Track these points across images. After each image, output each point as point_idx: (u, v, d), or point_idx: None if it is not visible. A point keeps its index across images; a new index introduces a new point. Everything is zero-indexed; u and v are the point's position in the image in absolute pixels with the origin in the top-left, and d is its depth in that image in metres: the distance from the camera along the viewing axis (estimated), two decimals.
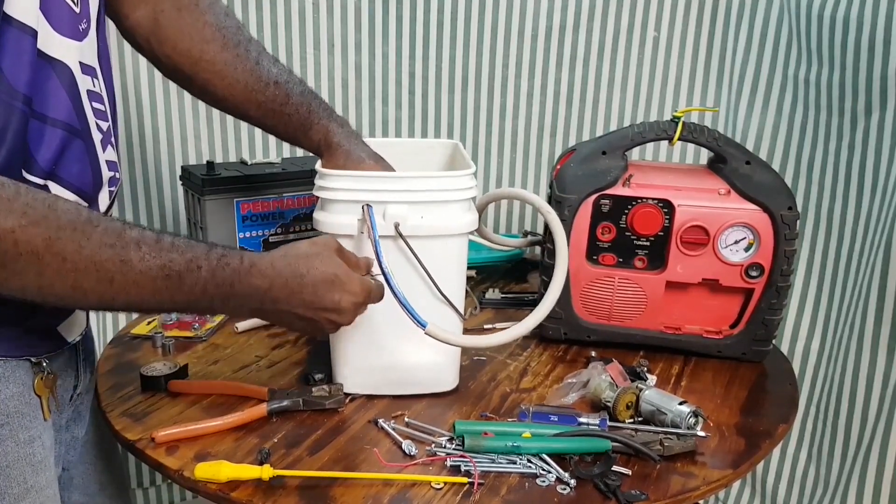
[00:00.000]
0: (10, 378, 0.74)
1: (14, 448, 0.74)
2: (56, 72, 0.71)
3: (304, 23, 1.43)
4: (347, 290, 0.80)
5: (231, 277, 0.73)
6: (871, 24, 1.13)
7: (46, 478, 0.78)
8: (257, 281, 0.75)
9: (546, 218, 0.98)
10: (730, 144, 1.05)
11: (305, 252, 0.80)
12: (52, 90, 0.71)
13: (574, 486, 0.79)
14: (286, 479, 0.79)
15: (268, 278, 0.75)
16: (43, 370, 0.77)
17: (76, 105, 0.73)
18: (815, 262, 1.33)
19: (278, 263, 0.77)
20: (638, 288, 1.07)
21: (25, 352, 0.75)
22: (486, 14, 1.45)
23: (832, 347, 1.30)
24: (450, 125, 1.53)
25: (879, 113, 1.17)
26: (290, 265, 0.77)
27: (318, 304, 0.79)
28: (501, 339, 0.92)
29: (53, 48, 0.71)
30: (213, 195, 1.16)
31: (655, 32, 1.46)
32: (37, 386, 0.76)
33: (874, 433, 1.18)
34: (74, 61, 0.73)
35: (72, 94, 0.73)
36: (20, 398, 0.75)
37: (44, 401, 0.78)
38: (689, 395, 0.95)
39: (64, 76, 0.72)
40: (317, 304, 0.79)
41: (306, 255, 0.79)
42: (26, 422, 0.75)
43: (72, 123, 0.73)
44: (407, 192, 0.89)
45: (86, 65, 0.76)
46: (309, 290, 0.78)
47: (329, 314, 0.81)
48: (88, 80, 0.76)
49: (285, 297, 0.77)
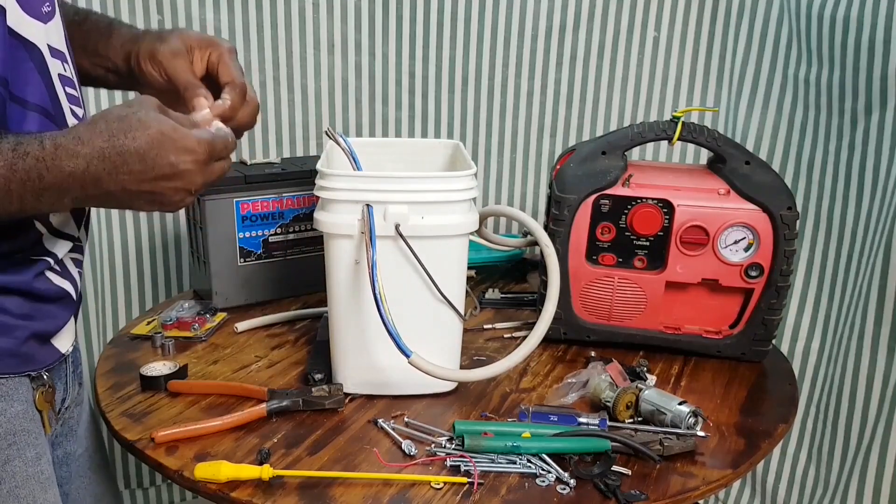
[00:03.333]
0: (14, 395, 0.72)
1: (22, 467, 0.72)
2: (29, 53, 0.68)
3: (304, 23, 1.43)
4: (181, 147, 0.68)
5: (36, 168, 0.63)
6: (871, 24, 1.13)
7: (54, 494, 0.76)
8: (69, 164, 0.64)
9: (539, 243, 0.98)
10: (729, 144, 1.05)
11: (118, 115, 0.67)
12: (27, 72, 0.68)
13: (574, 485, 0.79)
14: (286, 479, 0.79)
15: (81, 157, 0.64)
16: (44, 384, 0.76)
17: (49, 89, 0.71)
18: (815, 262, 1.33)
19: (87, 136, 0.65)
20: (638, 288, 1.07)
21: (27, 367, 0.74)
22: (486, 14, 1.45)
23: (832, 347, 1.30)
24: (450, 125, 1.53)
25: (879, 113, 1.17)
26: (104, 134, 0.65)
27: (152, 172, 0.67)
28: (485, 374, 0.92)
29: (24, 28, 0.68)
30: (212, 195, 1.16)
31: (655, 32, 1.46)
32: (38, 401, 0.75)
33: (874, 433, 1.18)
34: (43, 43, 0.70)
35: (44, 78, 0.70)
36: (24, 415, 0.73)
37: (44, 415, 0.76)
38: (688, 395, 0.95)
39: (36, 58, 0.69)
40: (149, 173, 0.67)
41: (119, 117, 0.66)
42: (32, 439, 0.73)
43: (46, 107, 0.70)
44: (408, 193, 0.89)
45: (54, 48, 0.72)
46: (135, 159, 0.66)
47: (171, 182, 0.68)
48: (59, 63, 0.73)
49: (109, 174, 0.65)
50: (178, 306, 1.17)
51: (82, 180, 0.65)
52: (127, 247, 1.46)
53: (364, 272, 0.88)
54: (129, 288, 1.50)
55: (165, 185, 0.68)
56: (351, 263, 0.90)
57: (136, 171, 0.66)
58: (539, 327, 0.93)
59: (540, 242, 0.98)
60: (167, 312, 1.14)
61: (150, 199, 0.69)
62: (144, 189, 0.68)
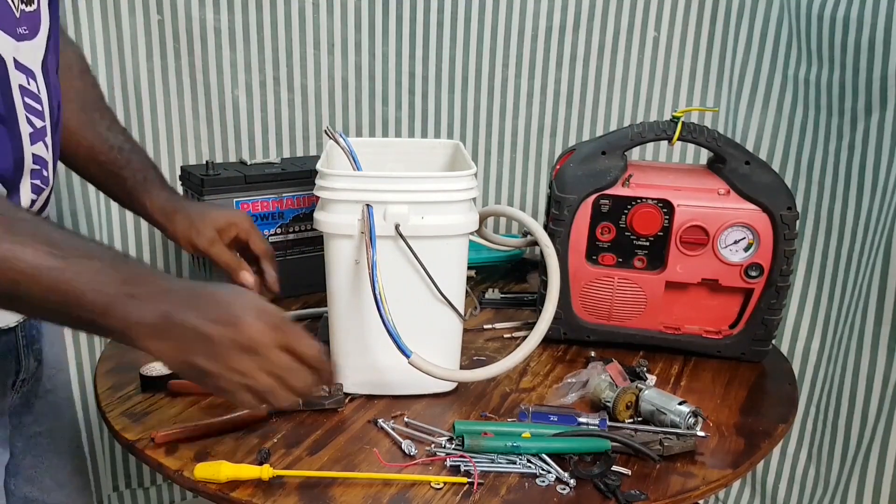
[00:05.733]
0: None
1: None
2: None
3: (304, 23, 1.43)
4: (258, 305, 0.68)
5: (132, 267, 0.67)
6: (871, 24, 1.13)
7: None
8: (161, 279, 0.67)
9: (539, 243, 0.99)
10: (729, 144, 1.05)
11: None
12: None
13: (574, 485, 0.79)
14: (286, 479, 0.79)
15: (169, 279, 0.68)
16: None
17: (3, 91, 0.72)
18: (815, 262, 1.33)
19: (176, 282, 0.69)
20: (637, 288, 1.07)
21: None
22: (486, 14, 1.45)
23: (832, 347, 1.30)
24: (450, 125, 1.53)
25: (879, 113, 1.17)
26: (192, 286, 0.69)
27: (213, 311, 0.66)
28: (485, 374, 0.92)
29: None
30: (212, 195, 1.16)
31: (655, 32, 1.46)
32: None
33: (874, 433, 1.18)
34: (10, 56, 0.73)
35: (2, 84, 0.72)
36: None
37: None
38: (688, 395, 0.95)
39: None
40: (210, 311, 0.66)
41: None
42: None
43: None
44: (408, 193, 0.89)
45: (22, 64, 0.75)
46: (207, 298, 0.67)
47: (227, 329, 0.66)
48: (23, 77, 0.75)
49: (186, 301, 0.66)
50: None
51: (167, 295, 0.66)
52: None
53: (364, 272, 0.88)
54: None
55: (222, 333, 0.65)
56: (351, 263, 0.90)
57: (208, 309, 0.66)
58: (539, 327, 0.93)
59: (540, 242, 0.98)
60: None
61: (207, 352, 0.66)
62: (209, 333, 0.65)
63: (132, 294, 0.64)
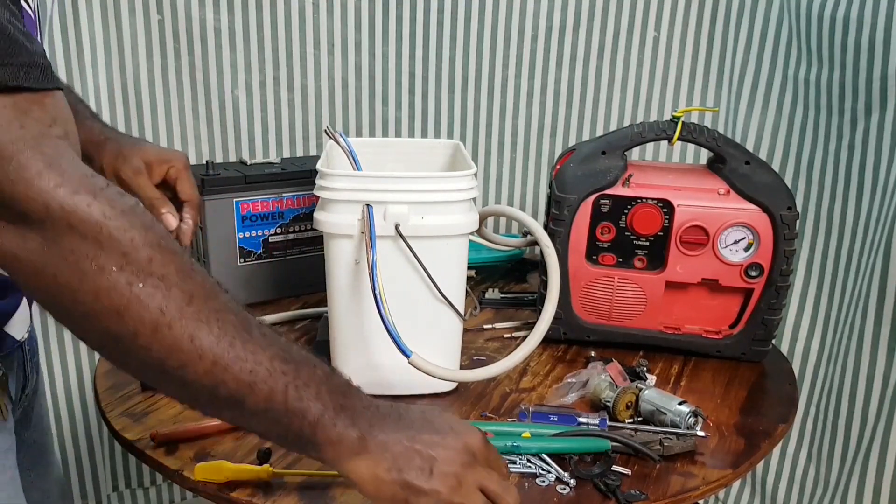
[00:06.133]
0: None
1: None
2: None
3: (304, 23, 1.43)
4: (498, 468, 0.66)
5: (345, 385, 0.63)
6: (871, 24, 1.13)
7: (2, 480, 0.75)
8: (377, 401, 0.63)
9: (539, 243, 0.98)
10: (729, 144, 1.05)
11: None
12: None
13: (574, 485, 0.79)
14: (286, 479, 0.79)
15: (388, 405, 0.64)
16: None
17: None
18: (815, 262, 1.33)
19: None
20: (637, 288, 1.07)
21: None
22: (486, 14, 1.45)
23: (832, 347, 1.30)
24: (450, 125, 1.53)
25: (879, 113, 1.17)
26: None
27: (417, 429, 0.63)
28: (485, 374, 0.92)
29: None
30: (212, 195, 1.16)
31: (655, 32, 1.46)
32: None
33: (874, 433, 1.18)
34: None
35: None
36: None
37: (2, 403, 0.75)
38: (688, 395, 0.95)
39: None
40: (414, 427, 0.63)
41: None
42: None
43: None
44: (408, 193, 0.89)
45: None
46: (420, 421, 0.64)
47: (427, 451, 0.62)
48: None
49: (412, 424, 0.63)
50: None
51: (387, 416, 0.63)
52: None
53: (364, 272, 0.88)
54: None
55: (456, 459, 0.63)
56: (351, 263, 0.90)
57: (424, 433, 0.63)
58: (539, 327, 0.93)
59: (540, 242, 0.98)
60: None
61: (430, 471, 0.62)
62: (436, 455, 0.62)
63: (343, 407, 0.60)
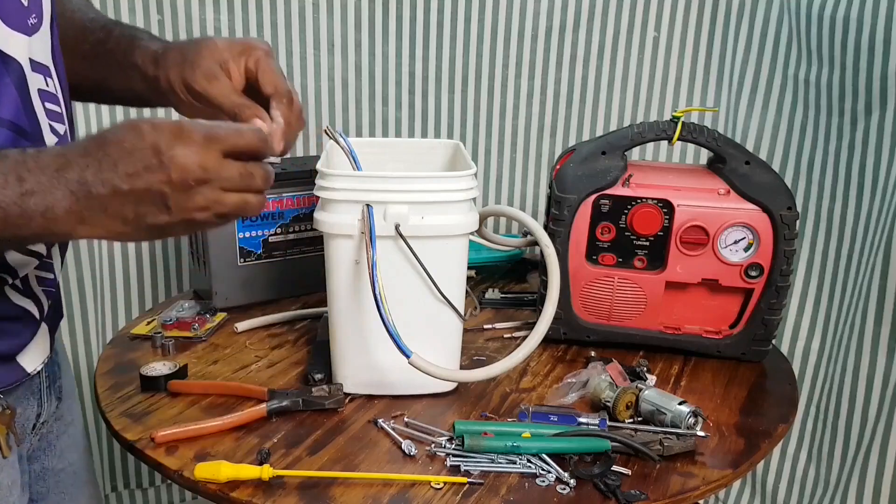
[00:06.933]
0: None
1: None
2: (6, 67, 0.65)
3: (304, 23, 1.43)
4: (170, 129, 0.58)
5: (15, 169, 0.57)
6: (871, 24, 1.13)
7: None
8: (50, 160, 0.57)
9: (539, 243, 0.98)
10: (729, 144, 1.05)
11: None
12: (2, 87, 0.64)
13: (574, 485, 0.79)
14: (286, 479, 0.79)
15: (62, 155, 0.58)
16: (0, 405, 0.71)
17: (25, 104, 0.67)
18: (815, 262, 1.33)
19: (77, 140, 0.59)
20: (637, 288, 1.07)
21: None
22: (486, 14, 1.45)
23: (832, 347, 1.30)
24: (450, 125, 1.53)
25: (879, 113, 1.17)
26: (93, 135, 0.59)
27: (134, 162, 0.56)
28: (485, 374, 0.92)
29: (4, 41, 0.64)
30: None
31: (655, 32, 1.46)
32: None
33: (874, 433, 1.18)
34: (25, 57, 0.67)
35: (21, 93, 0.66)
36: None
37: (1, 438, 0.72)
38: (688, 395, 0.95)
39: (13, 72, 0.65)
40: (131, 162, 0.56)
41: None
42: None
43: (19, 123, 0.66)
44: (408, 193, 0.89)
45: (37, 62, 0.69)
46: (115, 148, 0.57)
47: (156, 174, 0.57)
48: (40, 78, 0.69)
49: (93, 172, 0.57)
50: (178, 306, 1.17)
51: (66, 181, 0.57)
52: (127, 247, 1.46)
53: (364, 272, 0.88)
54: (129, 288, 1.50)
55: (153, 179, 0.57)
56: (351, 263, 0.90)
57: (119, 162, 0.57)
58: (539, 327, 0.93)
59: (540, 242, 0.98)
60: (167, 312, 1.14)
61: (154, 202, 0.58)
62: (136, 187, 0.57)
63: (25, 192, 0.55)
